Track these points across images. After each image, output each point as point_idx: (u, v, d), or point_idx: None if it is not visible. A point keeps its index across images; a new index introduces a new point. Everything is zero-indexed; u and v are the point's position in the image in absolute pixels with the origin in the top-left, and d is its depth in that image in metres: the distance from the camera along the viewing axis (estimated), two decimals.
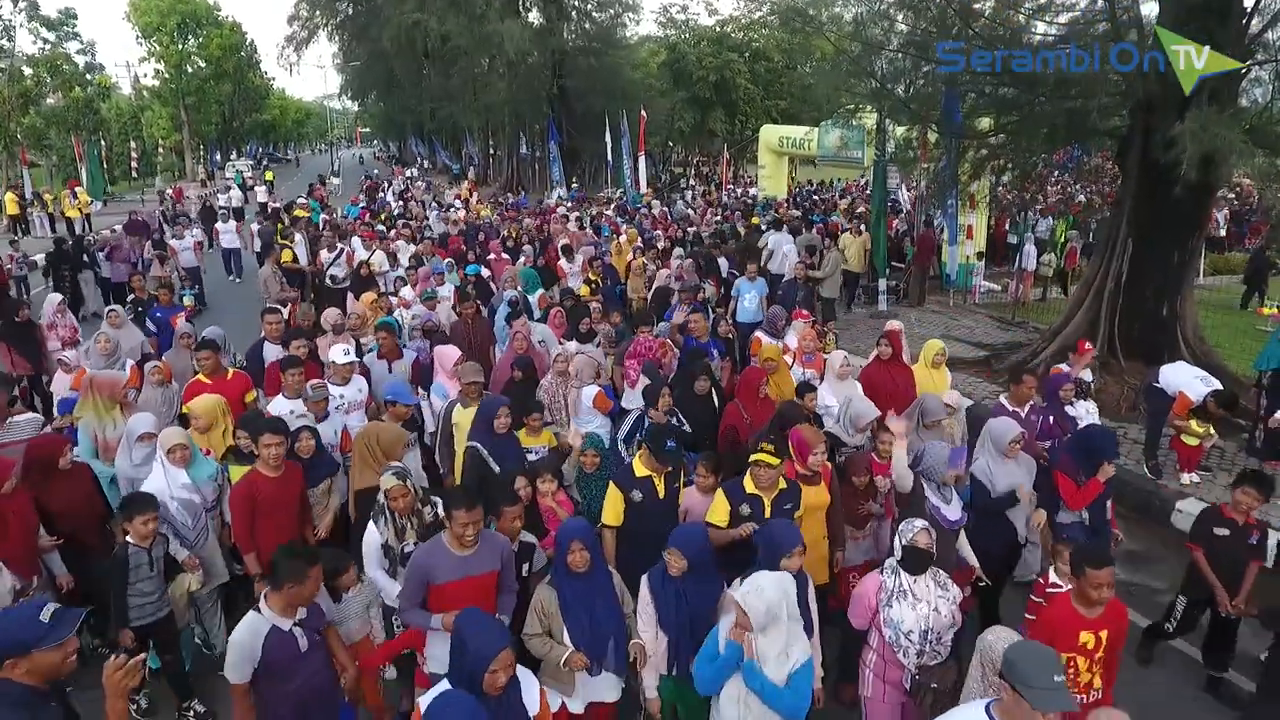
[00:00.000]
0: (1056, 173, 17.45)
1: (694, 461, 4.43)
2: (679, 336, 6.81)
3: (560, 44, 30.81)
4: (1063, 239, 13.82)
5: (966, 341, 10.61)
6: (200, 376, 5.39)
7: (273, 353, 6.06)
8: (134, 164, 37.10)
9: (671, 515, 4.22)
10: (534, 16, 32.30)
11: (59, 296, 8.07)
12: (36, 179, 28.17)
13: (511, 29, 27.11)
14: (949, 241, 11.91)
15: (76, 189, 22.95)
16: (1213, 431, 6.22)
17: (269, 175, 41.24)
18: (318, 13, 37.16)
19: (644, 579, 3.49)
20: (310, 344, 5.89)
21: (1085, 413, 5.69)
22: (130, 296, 8.08)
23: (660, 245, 11.89)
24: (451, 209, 18.64)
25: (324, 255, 10.82)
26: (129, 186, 35.41)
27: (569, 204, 19.91)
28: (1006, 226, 15.74)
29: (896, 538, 3.40)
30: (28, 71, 29.25)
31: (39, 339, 7.33)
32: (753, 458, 3.96)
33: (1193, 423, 6.09)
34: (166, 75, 44.82)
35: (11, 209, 22.03)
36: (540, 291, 8.67)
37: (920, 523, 3.36)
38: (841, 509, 4.31)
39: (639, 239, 12.41)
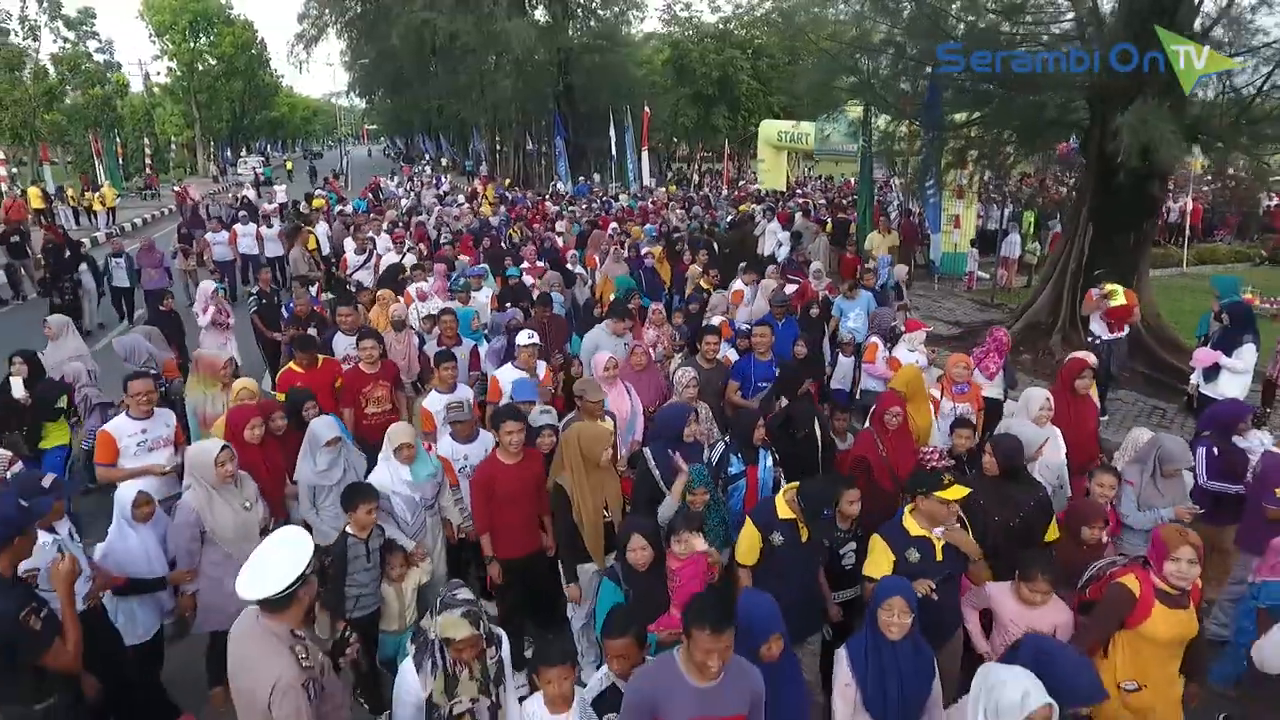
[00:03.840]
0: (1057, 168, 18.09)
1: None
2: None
3: (566, 42, 31.34)
4: (1030, 229, 14.50)
5: (945, 321, 11.36)
6: (293, 365, 5.56)
7: (343, 343, 6.24)
8: (148, 160, 38.04)
9: (815, 562, 3.70)
10: (540, 14, 32.94)
11: (212, 284, 8.02)
12: (57, 175, 29.10)
13: (518, 27, 27.67)
14: (932, 230, 12.58)
15: (103, 186, 23.79)
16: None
17: (288, 165, 42.16)
18: (327, 11, 37.79)
19: (842, 653, 2.97)
20: (379, 345, 5.71)
21: (1259, 444, 4.86)
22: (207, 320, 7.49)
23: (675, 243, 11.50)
24: (452, 205, 18.64)
25: (350, 257, 10.64)
26: (140, 185, 36.30)
27: (565, 199, 20.17)
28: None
29: None
30: (51, 70, 30.09)
31: (183, 330, 7.68)
32: (939, 494, 3.29)
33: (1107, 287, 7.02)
34: (179, 73, 45.70)
35: (36, 203, 22.85)
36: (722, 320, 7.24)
37: None
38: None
39: (643, 238, 12.41)
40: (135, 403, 4.51)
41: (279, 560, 2.51)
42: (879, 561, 3.35)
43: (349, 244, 11.30)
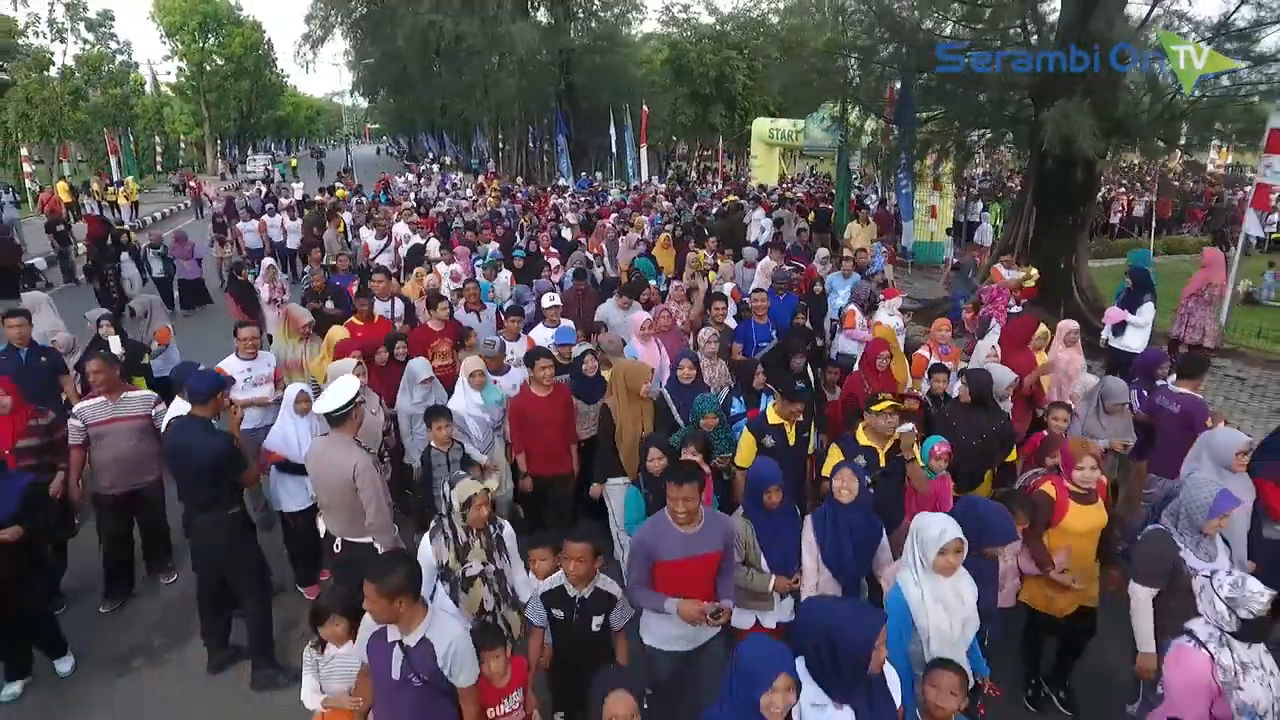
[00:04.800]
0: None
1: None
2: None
3: (567, 43, 32.11)
4: (996, 219, 15.66)
5: (912, 298, 12.48)
6: (354, 318, 6.48)
7: (379, 307, 7.11)
8: (159, 158, 39.21)
9: (800, 461, 4.56)
10: (542, 16, 33.67)
11: (270, 260, 9.12)
12: (76, 173, 30.27)
13: (523, 30, 28.47)
14: (904, 218, 13.70)
15: (127, 181, 24.96)
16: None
17: (293, 163, 43.36)
18: (333, 12, 38.48)
19: (808, 519, 3.78)
20: (448, 306, 6.65)
21: (1171, 385, 5.40)
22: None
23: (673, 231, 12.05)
24: (463, 199, 19.85)
25: (372, 244, 11.40)
26: (155, 180, 37.46)
27: (570, 196, 21.18)
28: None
29: (1208, 596, 2.89)
30: (76, 70, 31.24)
31: (256, 296, 8.65)
32: (874, 407, 4.19)
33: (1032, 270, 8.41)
34: (188, 73, 46.81)
35: (65, 197, 23.95)
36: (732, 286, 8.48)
37: (1258, 584, 2.83)
38: (1117, 525, 3.98)
39: (646, 228, 13.14)
40: (243, 346, 5.54)
41: (338, 392, 3.81)
42: (832, 464, 4.15)
43: (366, 232, 12.26)
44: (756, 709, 2.32)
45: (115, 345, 6.36)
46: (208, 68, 47.07)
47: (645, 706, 2.58)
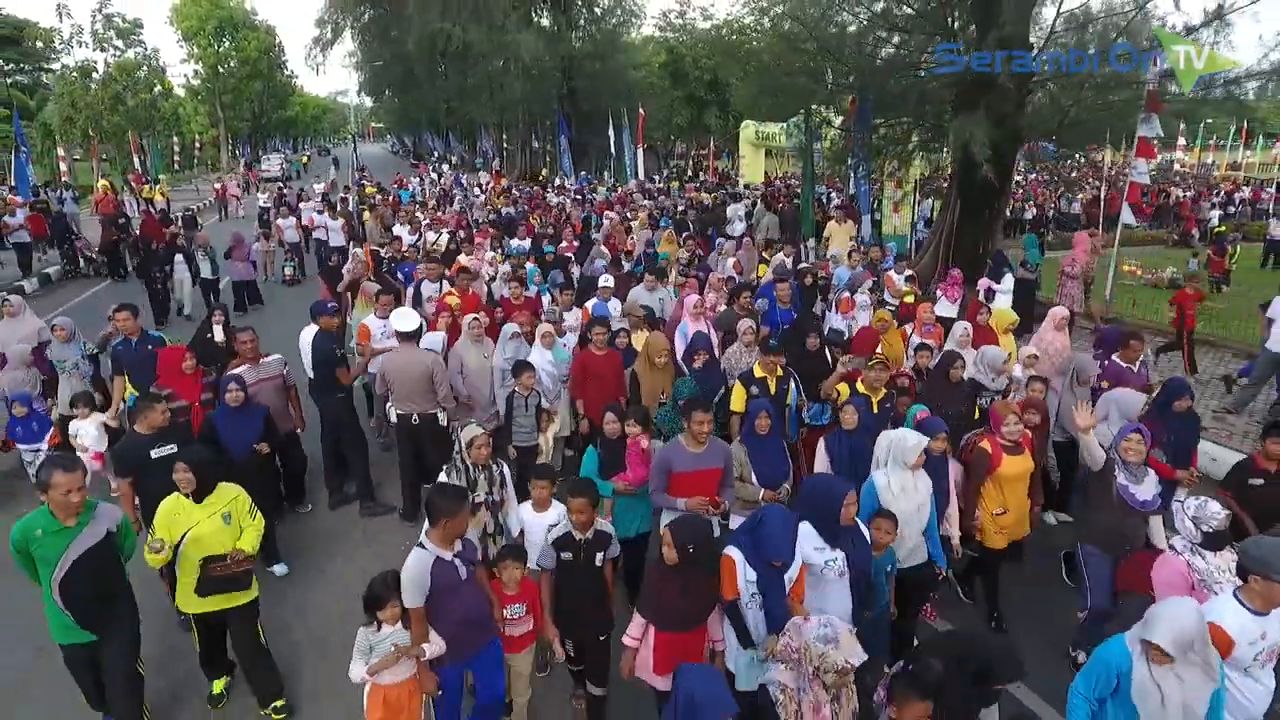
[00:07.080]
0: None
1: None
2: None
3: (569, 49, 34.06)
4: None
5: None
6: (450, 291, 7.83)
7: (429, 289, 8.18)
8: (176, 158, 41.15)
9: (779, 408, 5.32)
10: (545, 22, 35.50)
11: (359, 251, 10.18)
12: (112, 172, 32.26)
13: (528, 38, 30.39)
14: (862, 212, 15.66)
15: (161, 179, 26.96)
16: None
17: (304, 159, 45.28)
18: (342, 16, 39.86)
19: (821, 440, 4.73)
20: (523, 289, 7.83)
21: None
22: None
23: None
24: (477, 197, 21.80)
25: (405, 238, 12.23)
26: (173, 179, 39.39)
27: (571, 192, 22.86)
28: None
29: (1181, 517, 3.61)
30: (115, 76, 33.31)
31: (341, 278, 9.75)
32: (868, 364, 5.38)
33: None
34: (203, 75, 48.79)
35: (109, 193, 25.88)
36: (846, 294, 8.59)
37: (1217, 505, 3.50)
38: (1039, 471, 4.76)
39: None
40: (381, 309, 6.86)
41: (411, 319, 5.80)
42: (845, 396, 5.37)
43: (399, 228, 13.37)
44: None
45: (219, 334, 7.20)
46: (222, 70, 48.95)
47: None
